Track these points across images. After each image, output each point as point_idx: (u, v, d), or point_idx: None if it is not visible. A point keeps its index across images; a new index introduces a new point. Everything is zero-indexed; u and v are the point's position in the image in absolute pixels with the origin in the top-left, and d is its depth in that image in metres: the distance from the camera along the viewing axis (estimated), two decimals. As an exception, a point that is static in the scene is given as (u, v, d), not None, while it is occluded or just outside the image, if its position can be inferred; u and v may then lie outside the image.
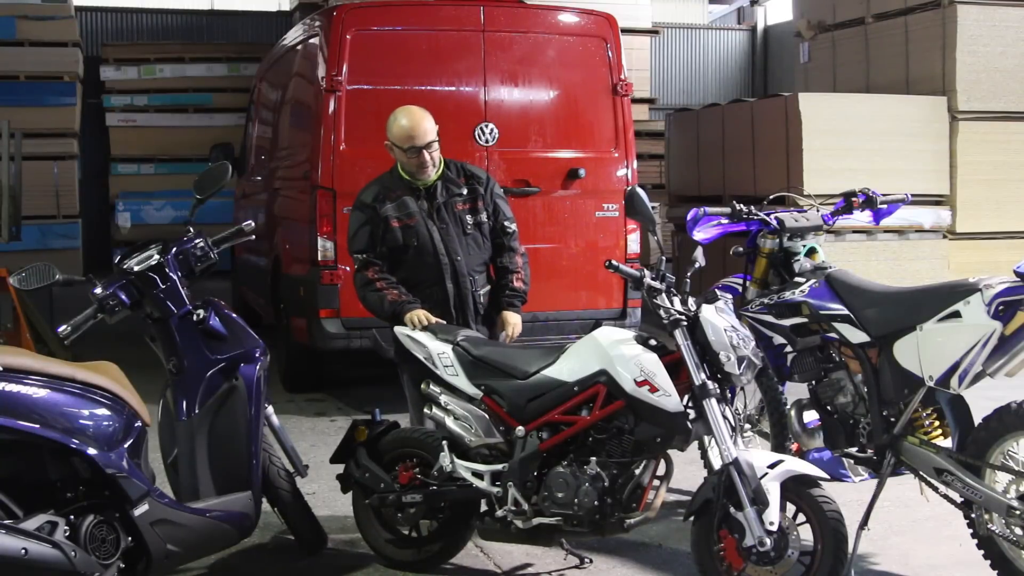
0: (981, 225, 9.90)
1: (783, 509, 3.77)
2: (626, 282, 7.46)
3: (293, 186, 8.04)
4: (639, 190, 4.29)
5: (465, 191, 4.88)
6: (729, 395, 4.09)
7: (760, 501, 3.72)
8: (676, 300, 4.02)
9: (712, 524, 3.81)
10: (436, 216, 4.81)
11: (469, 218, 4.86)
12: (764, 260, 5.03)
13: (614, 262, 4.17)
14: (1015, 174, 9.98)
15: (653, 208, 4.71)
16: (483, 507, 4.35)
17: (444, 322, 4.67)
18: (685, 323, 3.92)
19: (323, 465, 5.03)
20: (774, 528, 3.72)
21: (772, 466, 3.79)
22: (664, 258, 4.12)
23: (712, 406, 3.84)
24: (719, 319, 3.92)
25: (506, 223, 4.94)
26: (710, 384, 3.85)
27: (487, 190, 4.92)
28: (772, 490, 3.74)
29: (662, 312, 3.98)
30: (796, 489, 3.82)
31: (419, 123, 4.74)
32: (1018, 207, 10.00)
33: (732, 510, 3.78)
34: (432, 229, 4.80)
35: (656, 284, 4.02)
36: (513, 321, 4.90)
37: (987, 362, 4.03)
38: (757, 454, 3.92)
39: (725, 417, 3.86)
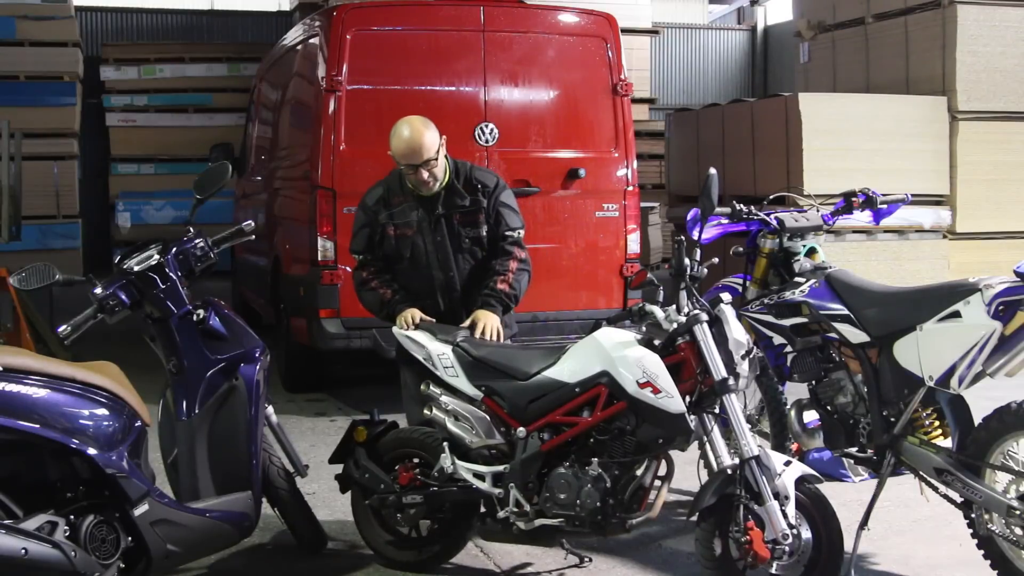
0: (981, 225, 9.90)
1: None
2: (626, 282, 7.51)
3: (293, 186, 8.04)
4: (715, 173, 4.22)
5: (467, 202, 4.73)
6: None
7: (780, 496, 3.75)
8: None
9: (730, 517, 3.80)
10: (434, 228, 4.71)
11: (467, 232, 4.73)
12: (764, 260, 5.04)
13: (650, 276, 4.19)
14: (1015, 174, 9.98)
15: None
16: (484, 508, 4.36)
17: (434, 320, 4.67)
18: (707, 320, 3.93)
19: (323, 465, 5.03)
20: (794, 523, 3.76)
21: (786, 464, 3.84)
22: (699, 251, 4.12)
23: (732, 402, 3.86)
24: (736, 320, 3.94)
25: (507, 232, 4.76)
26: (731, 380, 3.86)
27: (492, 198, 4.74)
28: (789, 487, 3.77)
29: (686, 306, 3.98)
30: (799, 488, 3.84)
31: (415, 140, 4.57)
32: (1018, 207, 10.00)
33: (750, 504, 3.78)
34: (427, 241, 4.71)
35: (696, 275, 4.04)
36: (482, 319, 4.57)
37: (987, 362, 4.03)
38: (773, 452, 3.96)
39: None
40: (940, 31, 9.84)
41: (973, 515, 4.13)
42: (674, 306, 4.02)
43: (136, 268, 4.18)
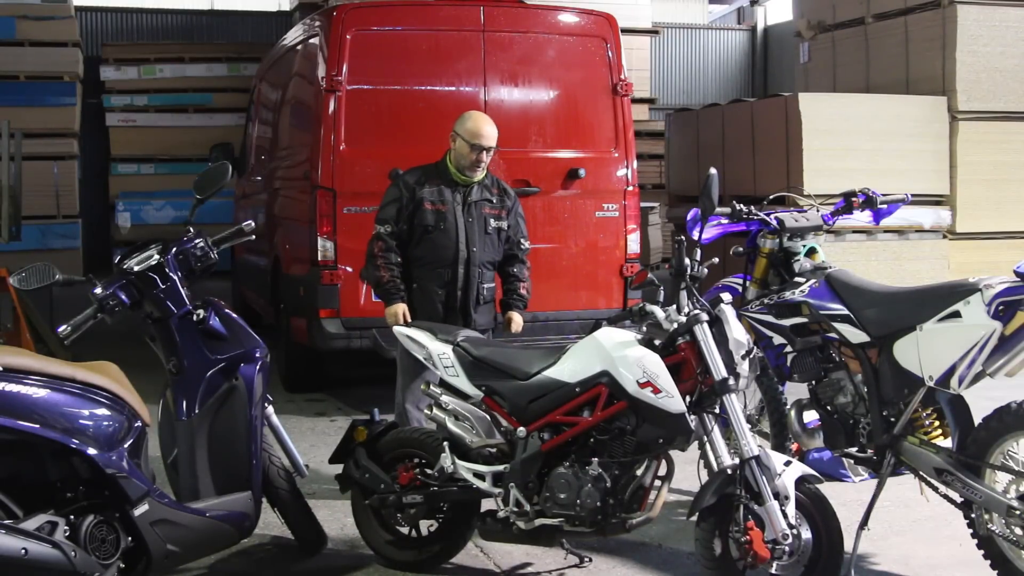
0: (981, 225, 9.89)
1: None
2: (626, 282, 7.51)
3: (293, 186, 8.04)
4: (715, 173, 4.25)
5: (495, 199, 5.40)
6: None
7: (780, 496, 3.76)
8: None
9: (730, 517, 3.81)
10: (465, 210, 5.30)
11: (492, 222, 5.37)
12: (764, 260, 5.04)
13: (650, 276, 4.22)
14: (1015, 174, 9.97)
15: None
16: (484, 507, 4.36)
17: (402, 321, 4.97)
18: (707, 320, 3.93)
19: (323, 465, 5.03)
20: (794, 523, 3.76)
21: (786, 464, 3.84)
22: (699, 251, 4.13)
23: (732, 402, 3.88)
24: (736, 320, 3.94)
25: (523, 240, 5.51)
26: (731, 380, 3.87)
27: (515, 205, 5.49)
28: (789, 487, 3.78)
29: (687, 306, 3.98)
30: (799, 488, 3.84)
31: (490, 127, 5.27)
32: (1018, 207, 9.99)
33: (750, 504, 3.79)
34: (459, 219, 5.29)
35: (697, 275, 4.05)
36: (518, 320, 5.47)
37: (987, 362, 4.03)
38: (773, 452, 3.96)
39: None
40: (940, 31, 9.84)
41: (973, 515, 4.13)
42: (674, 306, 4.02)
43: (136, 268, 4.18)
